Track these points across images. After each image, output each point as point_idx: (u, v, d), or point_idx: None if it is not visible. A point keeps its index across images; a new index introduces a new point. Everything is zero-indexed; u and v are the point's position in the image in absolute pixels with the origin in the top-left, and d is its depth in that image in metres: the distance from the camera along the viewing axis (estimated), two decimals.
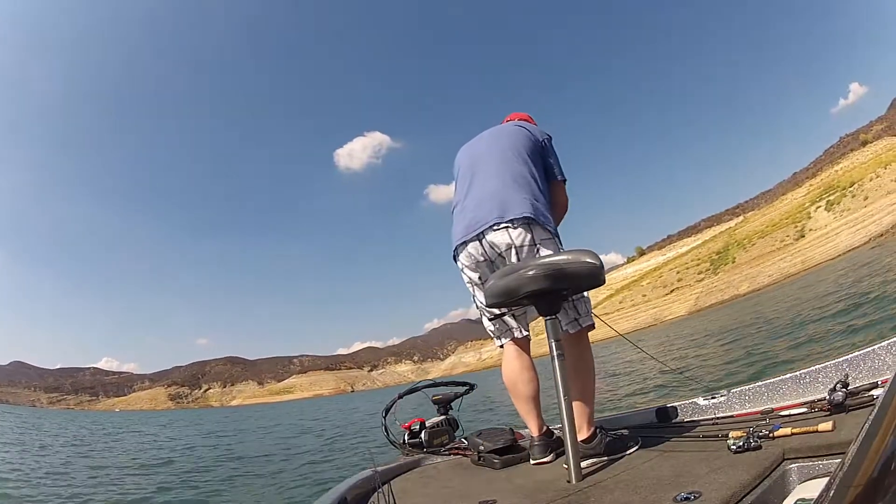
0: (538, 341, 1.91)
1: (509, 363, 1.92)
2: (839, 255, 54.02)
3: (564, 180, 2.03)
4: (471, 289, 1.96)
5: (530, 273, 1.52)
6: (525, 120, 2.23)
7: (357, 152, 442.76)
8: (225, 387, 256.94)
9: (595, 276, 1.52)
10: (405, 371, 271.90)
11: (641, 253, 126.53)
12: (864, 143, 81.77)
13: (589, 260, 1.51)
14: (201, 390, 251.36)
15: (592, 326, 1.85)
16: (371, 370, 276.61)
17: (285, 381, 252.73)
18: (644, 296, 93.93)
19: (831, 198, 71.52)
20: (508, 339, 1.95)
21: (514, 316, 1.94)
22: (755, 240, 79.57)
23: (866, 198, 64.85)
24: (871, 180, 66.37)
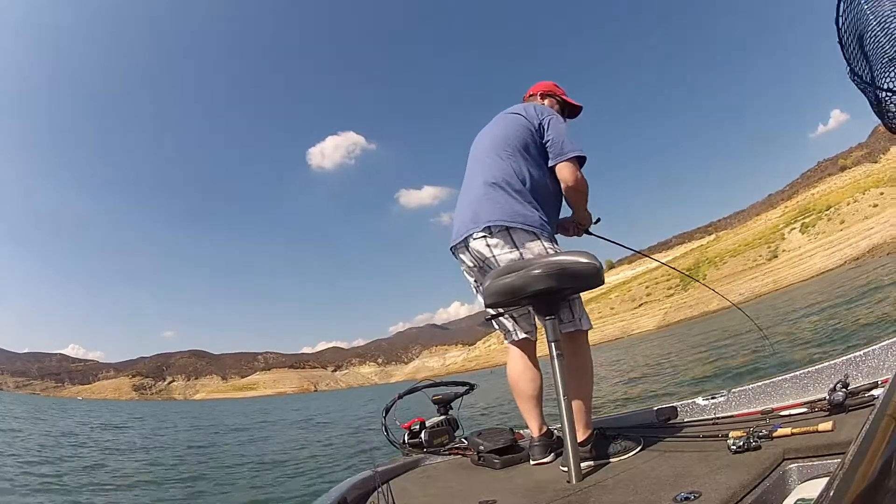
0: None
1: (512, 363, 1.92)
2: (812, 277, 53.39)
3: (572, 158, 1.85)
4: (473, 290, 1.98)
5: (533, 272, 1.52)
6: (548, 91, 2.19)
7: (330, 151, 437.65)
8: (189, 380, 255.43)
9: (596, 276, 1.54)
10: (369, 373, 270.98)
11: (611, 266, 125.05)
12: (843, 169, 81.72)
13: (589, 260, 1.53)
14: (165, 382, 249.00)
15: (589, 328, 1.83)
16: (335, 370, 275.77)
17: (249, 377, 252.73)
18: (612, 309, 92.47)
19: (806, 220, 71.41)
20: (510, 341, 1.95)
21: (514, 318, 1.92)
22: (727, 258, 79.00)
23: (843, 221, 64.50)
24: (848, 204, 65.84)
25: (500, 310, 1.81)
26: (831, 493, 0.41)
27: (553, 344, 1.53)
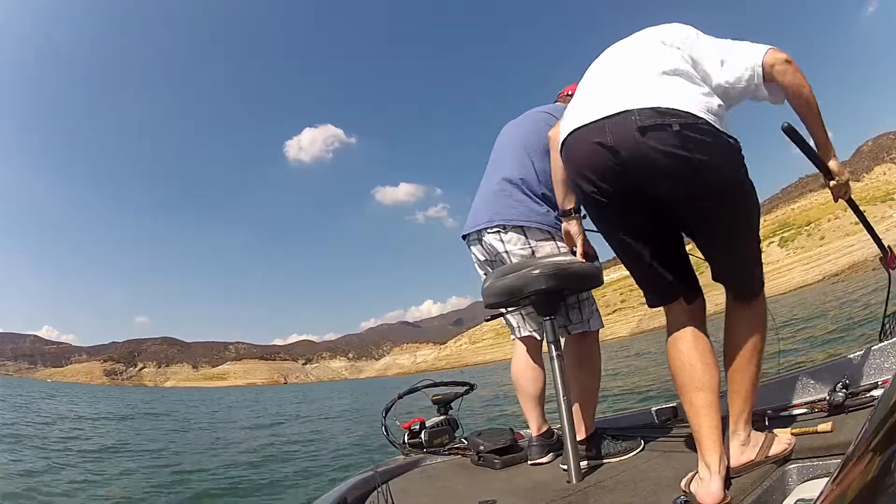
0: None
1: (515, 360, 1.94)
2: (790, 291, 52.15)
3: None
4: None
5: (534, 273, 1.54)
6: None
7: (307, 144, 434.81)
8: (160, 367, 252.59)
9: (595, 277, 1.58)
10: (339, 367, 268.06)
11: None
12: (825, 186, 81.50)
13: (588, 261, 1.57)
14: (136, 368, 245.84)
15: (600, 327, 1.83)
16: (305, 363, 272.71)
17: (220, 366, 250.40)
18: None
19: (785, 234, 70.35)
20: (514, 337, 1.96)
21: (522, 315, 1.92)
22: (702, 268, 77.80)
23: (823, 237, 63.63)
24: (829, 221, 65.13)
25: (500, 310, 1.82)
26: (831, 494, 0.41)
27: (552, 345, 1.54)
